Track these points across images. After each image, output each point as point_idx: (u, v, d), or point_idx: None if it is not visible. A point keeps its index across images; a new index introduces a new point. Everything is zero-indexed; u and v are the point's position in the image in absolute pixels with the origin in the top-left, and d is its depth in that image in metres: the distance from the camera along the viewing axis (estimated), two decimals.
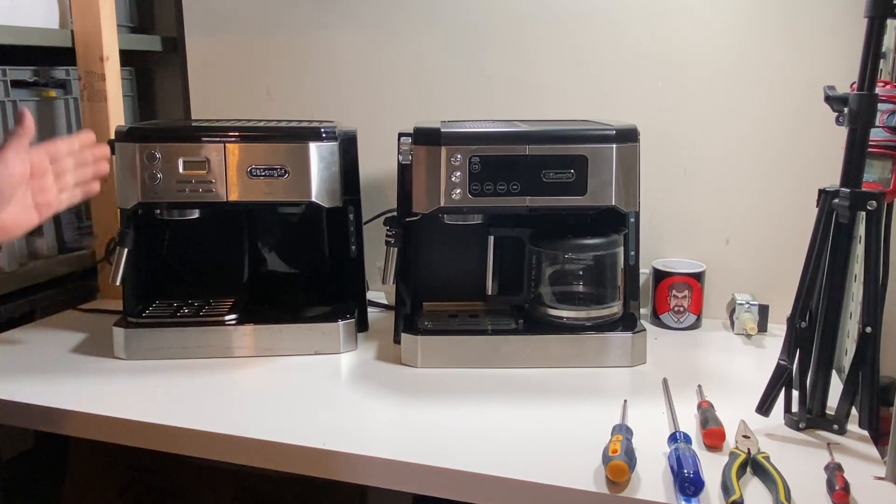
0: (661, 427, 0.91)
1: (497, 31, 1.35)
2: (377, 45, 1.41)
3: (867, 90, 0.84)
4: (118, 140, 1.13)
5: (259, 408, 0.98)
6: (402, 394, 1.02)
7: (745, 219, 1.30)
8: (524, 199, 1.07)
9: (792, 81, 1.23)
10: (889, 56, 1.01)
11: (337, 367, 1.13)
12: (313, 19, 1.44)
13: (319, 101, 1.46)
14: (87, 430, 0.97)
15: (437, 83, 1.39)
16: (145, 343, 1.14)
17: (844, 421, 0.90)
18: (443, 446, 0.87)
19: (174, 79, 1.62)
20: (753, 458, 0.82)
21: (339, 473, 0.87)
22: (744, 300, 1.24)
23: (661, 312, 1.28)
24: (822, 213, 0.89)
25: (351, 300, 1.24)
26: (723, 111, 1.27)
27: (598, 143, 1.06)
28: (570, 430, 0.91)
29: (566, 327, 1.13)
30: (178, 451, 0.94)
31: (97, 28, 1.34)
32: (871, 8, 0.83)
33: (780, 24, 1.22)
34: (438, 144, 1.06)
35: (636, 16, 1.28)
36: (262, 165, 1.11)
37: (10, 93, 1.34)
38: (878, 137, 0.89)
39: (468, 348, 1.11)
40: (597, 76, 1.32)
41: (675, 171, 1.31)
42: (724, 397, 0.98)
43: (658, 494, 0.77)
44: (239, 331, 1.15)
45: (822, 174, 0.97)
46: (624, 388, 1.04)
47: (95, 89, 1.36)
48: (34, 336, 1.26)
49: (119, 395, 1.02)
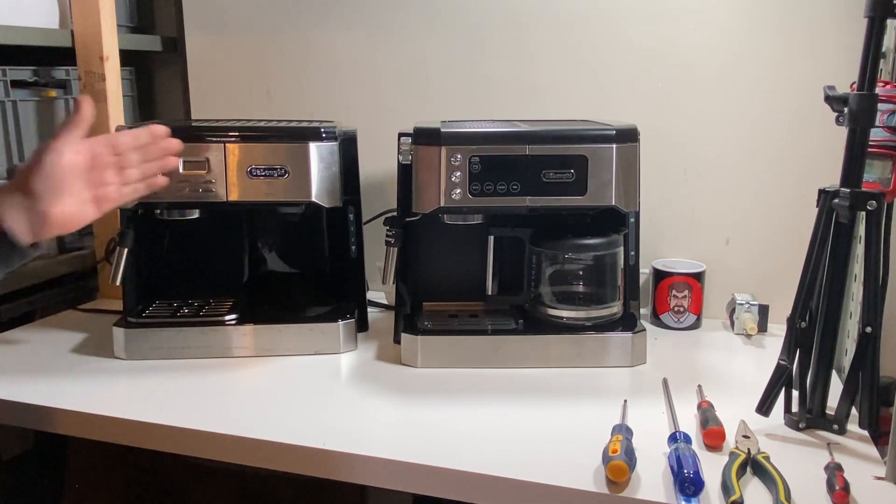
0: (661, 427, 0.91)
1: (497, 31, 1.35)
2: (377, 45, 1.41)
3: (867, 90, 0.84)
4: None
5: (259, 408, 0.98)
6: (402, 394, 1.02)
7: (745, 219, 1.30)
8: (524, 199, 1.07)
9: (792, 81, 1.23)
10: (889, 56, 1.01)
11: (337, 367, 1.13)
12: (313, 19, 1.44)
13: (319, 101, 1.46)
14: (87, 430, 0.97)
15: (437, 83, 1.39)
16: (145, 343, 1.14)
17: (844, 421, 0.90)
18: (443, 446, 0.87)
19: (174, 79, 1.62)
20: (753, 458, 0.82)
21: (339, 473, 0.87)
22: (744, 300, 1.24)
23: (661, 312, 1.28)
24: (822, 213, 0.89)
25: (351, 300, 1.24)
26: (723, 111, 1.27)
27: (598, 143, 1.06)
28: (570, 430, 0.91)
29: (566, 327, 1.13)
30: (178, 451, 0.94)
31: (97, 28, 1.34)
32: (871, 8, 0.83)
33: (779, 24, 1.22)
34: (438, 144, 1.06)
35: (636, 16, 1.28)
36: (262, 165, 1.11)
37: (10, 93, 1.34)
38: (878, 137, 0.89)
39: (468, 348, 1.11)
40: (597, 76, 1.32)
41: (675, 171, 1.31)
42: (724, 397, 0.98)
43: (658, 494, 0.77)
44: (239, 331, 1.15)
45: (822, 174, 0.97)
46: (624, 388, 1.04)
47: (95, 89, 1.36)
48: (34, 336, 1.26)
49: (119, 395, 1.02)
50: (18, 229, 0.83)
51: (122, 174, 0.93)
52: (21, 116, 1.36)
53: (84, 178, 0.88)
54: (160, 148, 0.97)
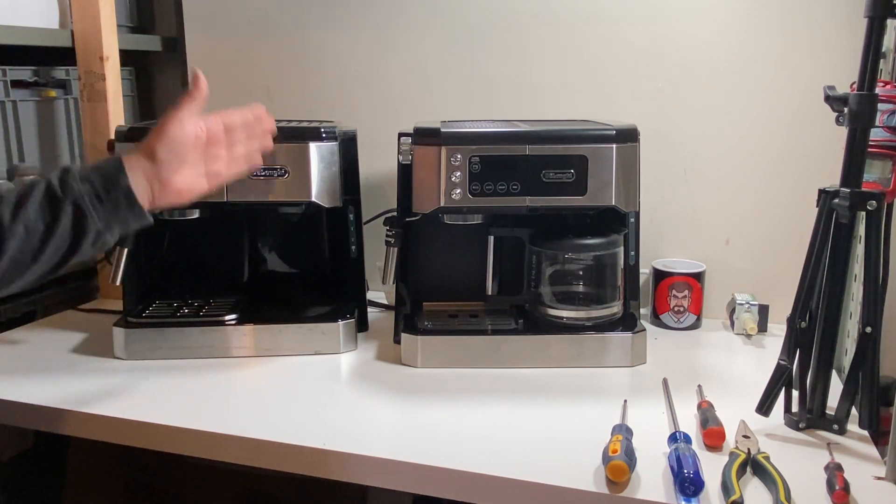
0: (661, 427, 0.91)
1: (497, 31, 1.35)
2: (377, 45, 1.41)
3: (867, 90, 0.84)
4: (118, 140, 1.13)
5: (259, 408, 0.98)
6: (402, 394, 1.02)
7: (745, 219, 1.30)
8: (524, 199, 1.07)
9: (792, 81, 1.23)
10: (889, 56, 1.01)
11: (337, 367, 1.13)
12: (313, 19, 1.44)
13: (319, 101, 1.46)
14: (87, 430, 0.97)
15: (437, 83, 1.39)
16: (145, 343, 1.14)
17: (844, 421, 0.90)
18: (443, 446, 0.87)
19: (174, 79, 1.62)
20: (753, 458, 0.82)
21: (339, 473, 0.87)
22: (744, 300, 1.24)
23: (661, 312, 1.28)
24: (822, 213, 0.89)
25: (351, 300, 1.24)
26: (723, 111, 1.27)
27: (598, 143, 1.06)
28: (570, 430, 0.91)
29: (566, 327, 1.13)
30: (178, 451, 0.94)
31: (97, 28, 1.34)
32: (871, 8, 0.83)
33: (779, 23, 1.22)
34: (438, 144, 1.06)
35: (636, 16, 1.28)
36: (262, 165, 1.11)
37: (10, 93, 1.34)
38: (878, 137, 0.89)
39: (468, 348, 1.11)
40: (597, 76, 1.32)
41: (675, 171, 1.31)
42: (724, 397, 0.97)
43: (658, 494, 0.77)
44: (239, 331, 1.15)
45: (822, 174, 0.97)
46: (624, 388, 1.04)
47: (95, 89, 1.36)
48: (34, 336, 1.26)
49: (119, 395, 1.02)
50: (140, 193, 0.85)
51: (231, 151, 0.95)
52: (21, 116, 1.36)
53: (201, 151, 0.91)
54: (262, 127, 0.99)
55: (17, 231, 0.80)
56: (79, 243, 0.83)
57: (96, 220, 0.82)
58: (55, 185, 0.83)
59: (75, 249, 0.84)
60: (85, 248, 0.84)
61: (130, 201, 0.84)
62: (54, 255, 0.83)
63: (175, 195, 0.90)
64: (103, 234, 0.84)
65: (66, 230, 0.82)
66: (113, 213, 0.84)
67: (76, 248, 0.83)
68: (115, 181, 0.84)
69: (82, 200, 0.82)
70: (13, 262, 0.81)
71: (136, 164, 0.86)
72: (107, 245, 0.86)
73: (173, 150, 0.88)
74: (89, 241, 0.83)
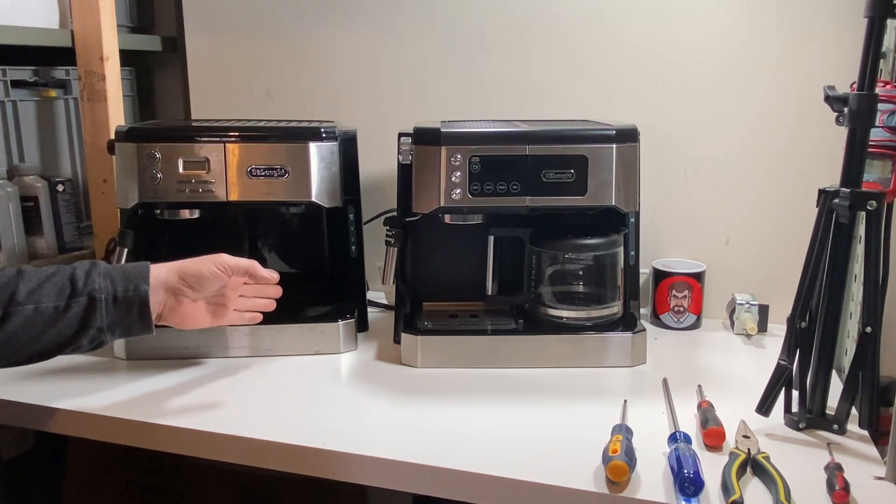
0: (661, 427, 0.91)
1: (497, 31, 1.35)
2: (377, 45, 1.41)
3: (867, 90, 0.84)
4: (118, 140, 1.13)
5: (259, 408, 0.98)
6: (402, 394, 1.02)
7: (745, 219, 1.30)
8: (524, 199, 1.07)
9: (792, 81, 1.23)
10: (889, 56, 1.01)
11: (337, 367, 1.13)
12: (313, 19, 1.44)
13: (319, 101, 1.46)
14: (87, 430, 0.97)
15: (437, 83, 1.39)
16: (145, 343, 1.14)
17: (844, 421, 0.90)
18: (443, 446, 0.87)
19: (174, 79, 1.62)
20: (753, 458, 0.82)
21: (339, 473, 0.87)
22: (744, 300, 1.24)
23: (661, 312, 1.28)
24: (822, 213, 0.89)
25: (351, 300, 1.24)
26: (723, 111, 1.27)
27: (597, 143, 1.06)
28: (570, 430, 0.91)
29: (566, 327, 1.13)
30: (178, 451, 0.94)
31: (97, 28, 1.34)
32: (871, 8, 0.83)
33: (779, 23, 1.22)
34: (438, 144, 1.06)
35: (636, 16, 1.28)
36: (262, 165, 1.11)
37: (10, 93, 1.34)
38: (878, 137, 0.89)
39: (468, 348, 1.11)
40: (597, 76, 1.32)
41: (675, 171, 1.31)
42: (724, 397, 0.98)
43: (658, 494, 0.77)
44: (239, 331, 1.15)
45: (822, 174, 0.97)
46: (624, 388, 1.04)
47: (95, 89, 1.36)
48: None
49: (119, 395, 1.02)
50: (154, 304, 0.90)
51: (240, 300, 1.05)
52: (21, 116, 1.36)
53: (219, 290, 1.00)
54: (272, 290, 1.08)
55: (26, 310, 0.83)
56: (80, 335, 0.86)
57: (104, 316, 0.86)
58: (79, 274, 0.86)
59: (74, 341, 0.86)
60: (82, 343, 0.87)
61: (143, 309, 0.88)
62: (52, 342, 0.85)
63: (180, 319, 0.96)
64: (104, 333, 0.87)
65: (73, 318, 0.85)
66: (123, 315, 0.87)
67: (75, 339, 0.86)
68: (135, 285, 0.88)
69: (98, 294, 0.86)
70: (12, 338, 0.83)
71: (161, 277, 0.91)
72: (101, 346, 0.89)
73: (201, 283, 0.96)
74: (89, 337, 0.86)
